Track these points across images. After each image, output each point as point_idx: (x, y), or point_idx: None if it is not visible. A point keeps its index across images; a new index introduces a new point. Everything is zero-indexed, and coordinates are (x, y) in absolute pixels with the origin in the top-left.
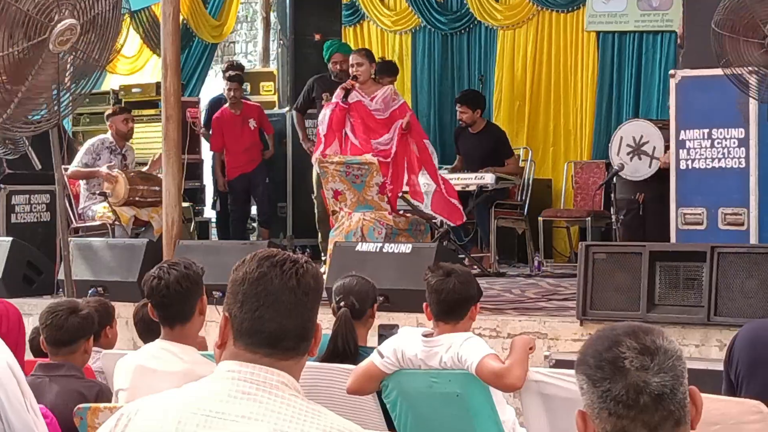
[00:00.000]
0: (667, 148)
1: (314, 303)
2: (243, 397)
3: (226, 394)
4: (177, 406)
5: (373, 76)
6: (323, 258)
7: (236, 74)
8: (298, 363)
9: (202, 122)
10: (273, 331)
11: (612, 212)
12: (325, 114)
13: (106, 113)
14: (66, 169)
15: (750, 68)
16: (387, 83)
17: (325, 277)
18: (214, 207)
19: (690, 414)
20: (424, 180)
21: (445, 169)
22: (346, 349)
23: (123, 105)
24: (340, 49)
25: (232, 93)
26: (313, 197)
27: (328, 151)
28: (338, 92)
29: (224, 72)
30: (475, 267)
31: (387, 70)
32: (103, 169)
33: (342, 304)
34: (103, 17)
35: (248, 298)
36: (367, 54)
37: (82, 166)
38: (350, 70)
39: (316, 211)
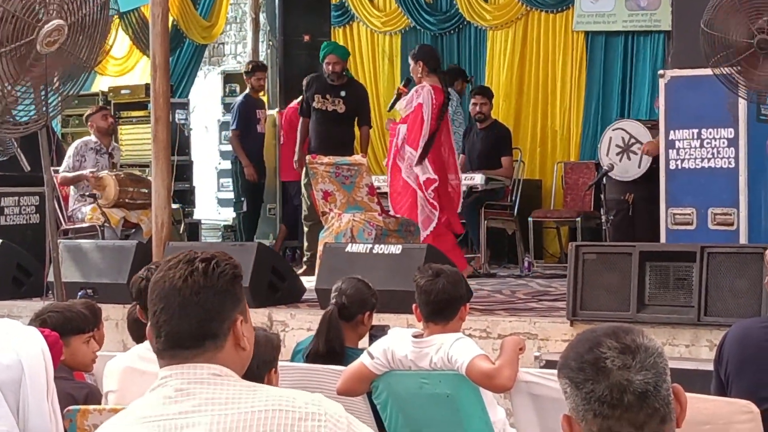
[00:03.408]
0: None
1: (210, 299)
2: (178, 395)
3: (164, 397)
4: (126, 425)
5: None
6: (304, 259)
7: None
8: (215, 357)
9: (234, 123)
10: (169, 334)
11: (602, 212)
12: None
13: (85, 115)
14: (56, 173)
15: (739, 68)
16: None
17: (314, 278)
18: (239, 209)
19: (675, 411)
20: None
21: None
22: (330, 347)
23: (104, 105)
24: (334, 51)
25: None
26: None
27: None
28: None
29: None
30: None
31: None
32: (87, 172)
33: (333, 302)
34: (91, 18)
35: (150, 304)
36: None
37: (68, 169)
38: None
39: (302, 211)
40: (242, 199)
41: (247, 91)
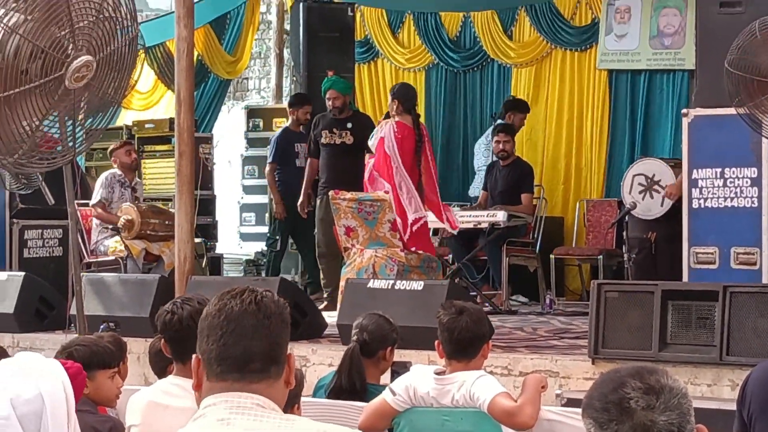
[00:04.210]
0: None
1: (278, 327)
2: (219, 425)
3: (206, 427)
4: None
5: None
6: (325, 295)
7: None
8: (272, 386)
9: (271, 156)
10: (239, 355)
11: (624, 251)
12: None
13: (109, 149)
14: (82, 206)
15: (763, 108)
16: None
17: (335, 314)
18: (272, 246)
19: None
20: None
21: (457, 206)
22: (352, 384)
23: (128, 139)
24: (333, 86)
25: None
26: (313, 233)
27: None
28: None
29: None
30: (487, 304)
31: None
32: (121, 220)
33: (354, 339)
34: (119, 53)
35: (213, 330)
36: (393, 91)
37: (103, 200)
38: None
39: (317, 247)
40: (276, 237)
41: (287, 123)
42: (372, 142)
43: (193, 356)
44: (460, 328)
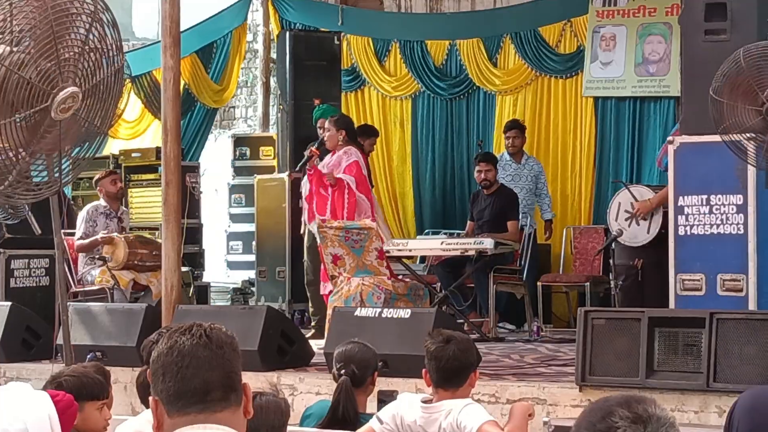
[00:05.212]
0: (665, 214)
1: (231, 355)
2: None
3: None
4: None
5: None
6: (312, 323)
7: None
8: (234, 414)
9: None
10: (199, 387)
11: (611, 278)
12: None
13: (94, 179)
14: (68, 236)
15: (748, 135)
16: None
17: (323, 342)
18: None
19: None
20: None
21: (445, 233)
22: (345, 416)
23: (114, 169)
24: (323, 115)
25: None
26: (302, 261)
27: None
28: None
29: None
30: (474, 332)
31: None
32: (100, 235)
33: (342, 372)
34: (105, 84)
35: (168, 368)
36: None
37: (83, 236)
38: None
39: (305, 275)
40: None
41: None
42: (338, 172)
43: (150, 398)
44: (448, 356)
